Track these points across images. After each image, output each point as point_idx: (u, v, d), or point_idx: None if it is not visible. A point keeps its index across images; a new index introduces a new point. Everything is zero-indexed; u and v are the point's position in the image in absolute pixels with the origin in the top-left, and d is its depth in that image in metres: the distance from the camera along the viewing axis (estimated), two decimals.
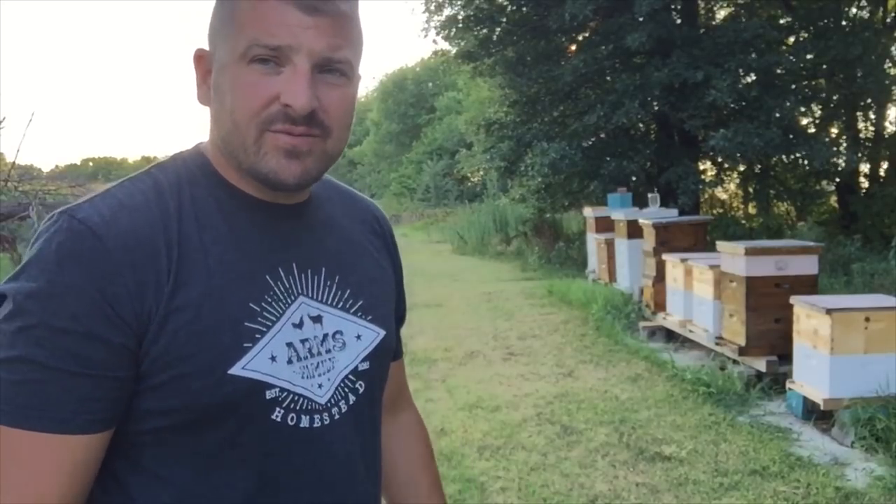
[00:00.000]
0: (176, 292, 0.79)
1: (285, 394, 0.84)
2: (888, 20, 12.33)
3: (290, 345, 0.85)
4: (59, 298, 0.74)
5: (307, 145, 0.82)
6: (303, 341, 0.86)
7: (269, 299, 0.84)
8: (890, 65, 11.86)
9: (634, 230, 7.82)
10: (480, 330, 7.47)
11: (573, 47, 12.71)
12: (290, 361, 0.84)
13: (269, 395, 0.82)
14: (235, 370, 0.80)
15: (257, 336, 0.82)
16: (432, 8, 13.13)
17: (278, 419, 0.83)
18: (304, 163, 0.83)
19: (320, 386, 0.87)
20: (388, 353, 0.99)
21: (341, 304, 0.91)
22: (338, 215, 0.97)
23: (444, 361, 6.25)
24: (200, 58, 0.86)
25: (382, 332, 0.96)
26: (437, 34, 13.13)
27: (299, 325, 0.86)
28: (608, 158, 11.21)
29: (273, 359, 0.83)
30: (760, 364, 5.12)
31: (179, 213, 0.82)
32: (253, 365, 0.81)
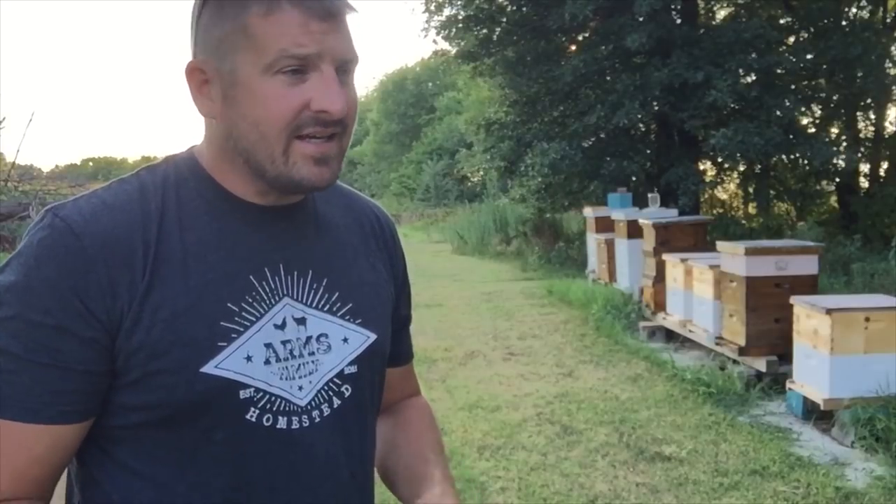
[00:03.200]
0: (151, 290, 0.80)
1: (261, 394, 0.84)
2: (888, 20, 12.34)
3: (268, 345, 0.85)
4: (34, 292, 0.77)
5: (333, 150, 0.84)
6: (284, 342, 0.86)
7: (251, 300, 0.84)
8: (890, 65, 11.87)
9: (634, 230, 7.81)
10: (480, 330, 7.47)
11: (573, 47, 12.71)
12: (267, 362, 0.84)
13: (244, 394, 0.83)
14: (208, 368, 0.81)
15: (233, 335, 0.82)
16: (432, 8, 13.12)
17: (253, 419, 0.84)
18: (332, 167, 0.85)
19: (300, 388, 0.87)
20: (380, 357, 0.98)
21: (328, 306, 0.91)
22: (334, 216, 0.97)
23: (444, 361, 6.24)
24: (195, 70, 0.85)
25: (373, 336, 0.94)
26: (437, 34, 13.12)
27: (281, 327, 0.86)
28: (608, 158, 11.21)
29: (249, 359, 0.83)
30: (760, 364, 5.12)
31: (161, 214, 0.83)
32: (226, 364, 0.82)
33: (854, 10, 12.46)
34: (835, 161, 10.81)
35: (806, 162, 11.18)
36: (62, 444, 0.80)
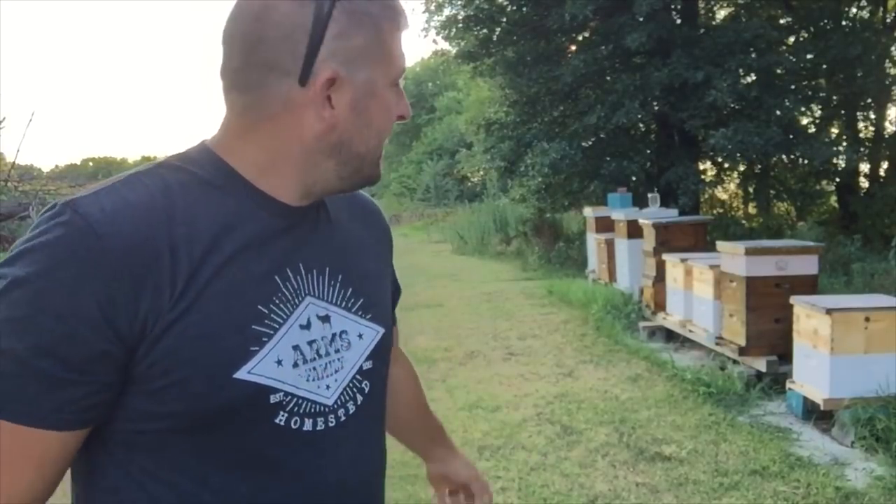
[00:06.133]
0: (184, 295, 0.77)
1: (289, 398, 0.83)
2: (888, 20, 12.34)
3: (296, 348, 0.84)
4: (48, 294, 0.73)
5: None
6: (310, 343, 0.86)
7: (278, 300, 0.83)
8: (890, 65, 11.88)
9: (634, 230, 7.81)
10: (480, 330, 7.46)
11: (573, 47, 12.71)
12: (295, 365, 0.84)
13: (274, 399, 0.82)
14: (241, 374, 0.79)
15: (264, 339, 0.81)
16: (432, 8, 13.12)
17: (281, 423, 0.83)
18: None
19: (328, 387, 0.87)
20: (388, 350, 0.99)
21: (344, 302, 0.91)
22: (338, 211, 0.98)
23: (444, 361, 6.24)
24: (332, 78, 0.82)
25: (382, 330, 0.96)
26: (437, 34, 13.12)
27: (307, 327, 0.86)
28: (608, 158, 11.21)
29: (279, 363, 0.82)
30: (760, 364, 5.12)
31: (187, 214, 0.81)
32: (258, 369, 0.80)
33: (854, 10, 12.46)
34: (835, 161, 10.81)
35: (806, 162, 11.18)
36: (65, 452, 0.78)
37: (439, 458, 1.29)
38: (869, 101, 11.95)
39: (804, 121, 12.10)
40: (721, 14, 13.43)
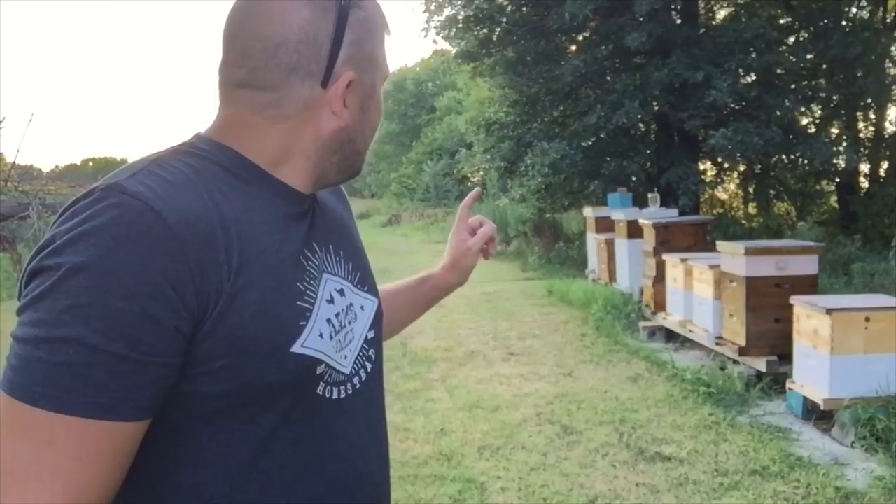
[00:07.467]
0: (241, 271, 0.79)
1: (327, 368, 0.88)
2: (888, 20, 12.33)
3: (328, 321, 0.88)
4: (115, 275, 0.71)
5: None
6: (336, 315, 0.90)
7: (308, 278, 0.87)
8: (890, 65, 11.86)
9: (634, 230, 7.82)
10: (480, 330, 7.47)
11: (573, 47, 12.71)
12: (331, 337, 0.88)
13: (319, 370, 0.86)
14: (296, 348, 0.83)
15: (307, 314, 0.85)
16: (432, 8, 13.12)
17: (320, 393, 0.87)
18: None
19: (346, 357, 0.92)
20: (382, 320, 1.04)
21: (349, 276, 0.96)
22: (323, 192, 1.01)
23: (444, 361, 6.25)
24: (351, 81, 0.89)
25: (376, 301, 1.02)
26: (437, 34, 13.11)
27: (331, 301, 0.90)
28: (608, 158, 11.21)
29: (321, 335, 0.86)
30: (760, 364, 5.12)
31: (225, 195, 0.82)
32: (308, 342, 0.84)
33: (854, 10, 12.45)
34: (835, 161, 10.81)
35: (806, 162, 11.18)
36: (132, 444, 0.76)
37: (440, 271, 1.35)
38: (869, 101, 11.93)
39: (804, 121, 12.08)
40: (721, 14, 13.41)
